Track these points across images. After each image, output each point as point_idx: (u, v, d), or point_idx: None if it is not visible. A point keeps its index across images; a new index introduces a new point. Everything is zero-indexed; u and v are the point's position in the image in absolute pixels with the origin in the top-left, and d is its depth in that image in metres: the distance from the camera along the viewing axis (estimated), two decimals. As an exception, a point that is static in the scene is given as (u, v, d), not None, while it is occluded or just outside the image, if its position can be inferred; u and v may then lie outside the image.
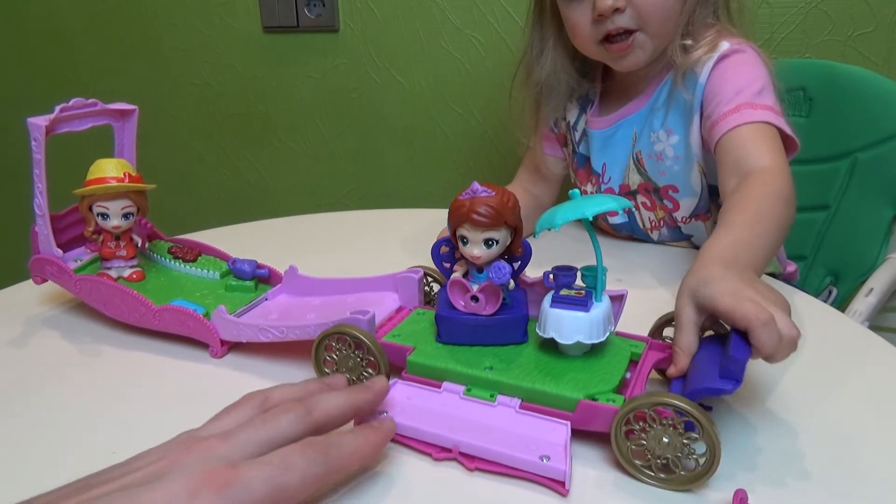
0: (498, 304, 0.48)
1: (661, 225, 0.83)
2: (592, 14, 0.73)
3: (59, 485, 0.33)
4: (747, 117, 0.68)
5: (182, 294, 0.62)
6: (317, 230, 0.91)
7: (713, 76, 0.73)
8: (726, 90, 0.71)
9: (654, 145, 0.79)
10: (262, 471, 0.34)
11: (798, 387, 0.52)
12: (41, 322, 0.64)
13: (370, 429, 0.41)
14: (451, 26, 1.20)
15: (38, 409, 0.51)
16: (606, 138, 0.83)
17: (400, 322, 0.54)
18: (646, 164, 0.80)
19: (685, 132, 0.76)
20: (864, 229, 0.90)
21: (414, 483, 0.42)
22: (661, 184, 0.80)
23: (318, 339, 0.49)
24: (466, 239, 0.47)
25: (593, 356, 0.47)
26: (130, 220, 0.62)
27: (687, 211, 0.81)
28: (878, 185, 0.88)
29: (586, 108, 0.86)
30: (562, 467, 0.40)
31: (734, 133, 0.68)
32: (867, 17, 1.00)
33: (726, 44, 0.73)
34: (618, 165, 0.83)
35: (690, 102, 0.75)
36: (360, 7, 1.23)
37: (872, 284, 0.80)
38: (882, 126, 0.87)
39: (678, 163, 0.78)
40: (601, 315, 0.45)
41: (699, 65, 0.74)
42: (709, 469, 0.39)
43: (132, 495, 0.31)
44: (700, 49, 0.74)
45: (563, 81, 0.85)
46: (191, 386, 0.54)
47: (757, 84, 0.71)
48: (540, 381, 0.44)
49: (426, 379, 0.47)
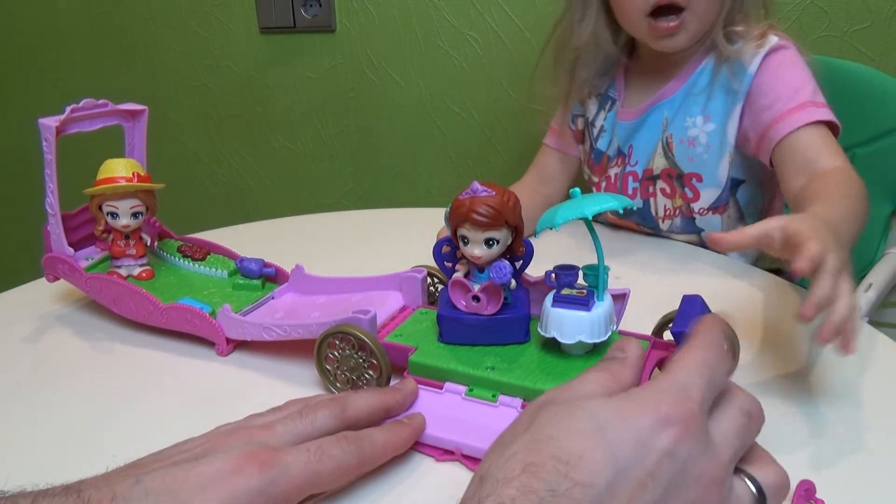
0: (499, 304, 0.48)
1: (676, 214, 0.82)
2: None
3: (66, 481, 0.34)
4: (813, 115, 0.69)
5: (190, 292, 0.62)
6: (317, 230, 0.91)
7: (765, 69, 0.73)
8: (784, 86, 0.72)
9: (688, 130, 0.78)
10: (300, 456, 0.36)
11: (798, 384, 0.52)
12: (54, 319, 0.65)
13: (400, 424, 0.43)
14: (449, 26, 1.20)
15: (48, 404, 0.52)
16: (637, 125, 0.83)
17: (403, 322, 0.54)
18: (675, 150, 0.80)
19: (724, 121, 0.76)
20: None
21: (417, 484, 0.42)
22: (686, 170, 0.80)
23: (320, 339, 0.50)
24: (467, 239, 0.47)
25: (596, 355, 0.47)
26: (140, 219, 0.63)
27: (707, 202, 0.80)
28: (876, 181, 0.88)
29: (605, 105, 0.86)
30: (565, 466, 0.40)
31: (803, 133, 0.69)
32: (863, 12, 1.01)
33: (774, 38, 0.74)
34: (645, 149, 0.83)
35: (736, 91, 0.74)
36: (357, 7, 1.23)
37: (871, 280, 0.80)
38: (879, 121, 0.87)
39: (709, 151, 0.78)
40: (603, 314, 0.45)
41: (747, 55, 0.73)
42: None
43: (179, 470, 0.33)
44: (750, 40, 0.74)
45: (601, 50, 0.83)
46: (197, 383, 0.54)
47: (812, 83, 0.72)
48: (541, 381, 0.44)
49: (428, 379, 0.48)
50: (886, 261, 0.84)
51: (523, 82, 1.08)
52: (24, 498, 0.32)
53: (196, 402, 0.52)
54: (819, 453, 0.45)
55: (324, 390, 0.51)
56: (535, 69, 0.90)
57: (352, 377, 0.49)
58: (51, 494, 0.32)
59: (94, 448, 0.47)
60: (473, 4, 1.17)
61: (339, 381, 0.50)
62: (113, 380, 0.55)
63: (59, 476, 0.35)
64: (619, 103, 0.85)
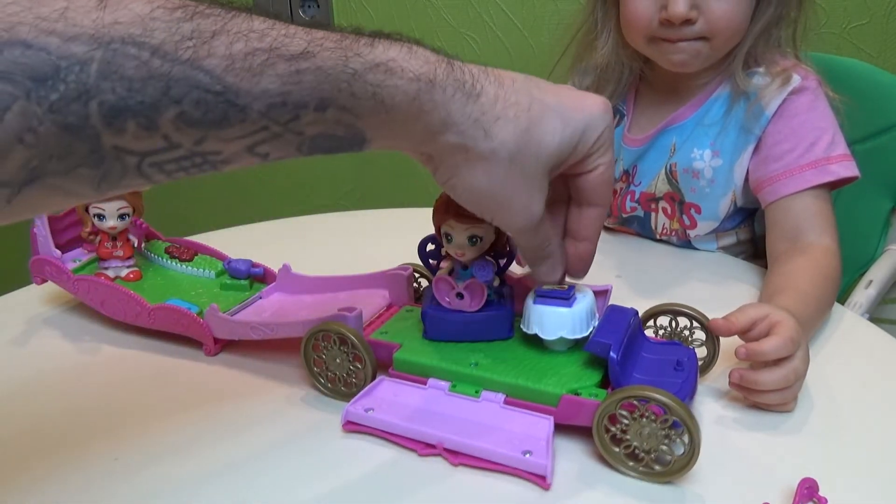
0: (482, 301, 0.48)
1: (673, 234, 0.80)
2: (658, 12, 0.68)
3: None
4: (822, 177, 0.68)
5: (178, 293, 0.62)
6: (317, 231, 0.91)
7: (782, 113, 0.70)
8: (799, 139, 0.69)
9: (694, 162, 0.75)
10: None
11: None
12: (42, 322, 0.65)
13: None
14: (447, 25, 1.20)
15: (34, 407, 0.52)
16: (643, 151, 0.80)
17: (388, 319, 0.54)
18: (679, 178, 0.77)
19: (733, 159, 0.73)
20: (862, 221, 0.89)
21: (399, 478, 0.42)
22: (687, 199, 0.77)
23: (307, 337, 0.50)
24: (451, 236, 0.47)
25: (578, 351, 0.47)
26: (126, 220, 0.63)
27: (702, 231, 0.78)
28: (876, 177, 0.88)
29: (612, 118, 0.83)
30: (543, 462, 0.40)
31: (802, 197, 0.68)
32: (861, 9, 1.00)
33: (798, 77, 0.70)
34: (649, 173, 0.79)
35: (750, 131, 0.72)
36: (355, 7, 1.23)
37: (872, 276, 0.80)
38: (878, 118, 0.87)
39: (712, 186, 0.75)
40: (584, 310, 0.46)
41: (766, 95, 0.70)
42: (688, 462, 0.40)
43: None
44: (771, 80, 0.71)
45: (625, 65, 0.79)
46: (186, 384, 0.54)
47: (830, 130, 0.70)
48: (524, 377, 0.45)
49: (413, 375, 0.48)
50: (886, 257, 0.84)
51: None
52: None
53: (184, 402, 0.52)
54: (821, 451, 0.45)
55: (312, 388, 0.52)
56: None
57: (339, 374, 0.50)
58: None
59: (84, 449, 0.47)
60: (472, 4, 1.17)
61: (327, 379, 0.51)
62: (101, 382, 0.55)
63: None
64: (627, 126, 0.82)
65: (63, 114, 0.26)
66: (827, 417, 0.48)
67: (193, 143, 0.30)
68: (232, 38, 0.29)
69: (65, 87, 0.26)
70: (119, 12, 0.27)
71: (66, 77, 0.26)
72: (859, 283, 0.80)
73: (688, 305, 0.50)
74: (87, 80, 0.26)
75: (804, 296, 0.58)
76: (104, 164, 0.28)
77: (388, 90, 0.34)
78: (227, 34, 0.29)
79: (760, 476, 0.42)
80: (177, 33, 0.28)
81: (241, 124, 0.30)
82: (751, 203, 0.76)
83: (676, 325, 0.51)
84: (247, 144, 0.31)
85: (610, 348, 0.42)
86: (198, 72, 0.28)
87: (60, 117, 0.26)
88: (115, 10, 0.27)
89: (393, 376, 0.49)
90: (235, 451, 0.46)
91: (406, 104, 0.34)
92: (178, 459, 0.45)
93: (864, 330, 0.60)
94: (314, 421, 0.48)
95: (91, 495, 0.42)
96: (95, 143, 0.27)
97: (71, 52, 0.26)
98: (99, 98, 0.26)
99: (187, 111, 0.28)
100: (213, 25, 0.29)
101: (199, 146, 0.30)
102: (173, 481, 0.43)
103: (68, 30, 0.26)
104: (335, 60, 0.32)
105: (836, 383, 0.51)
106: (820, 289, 0.60)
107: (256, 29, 0.30)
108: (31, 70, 0.25)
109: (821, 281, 0.61)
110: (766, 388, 0.47)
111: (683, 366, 0.45)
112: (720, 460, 0.43)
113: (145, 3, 0.28)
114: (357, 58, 0.33)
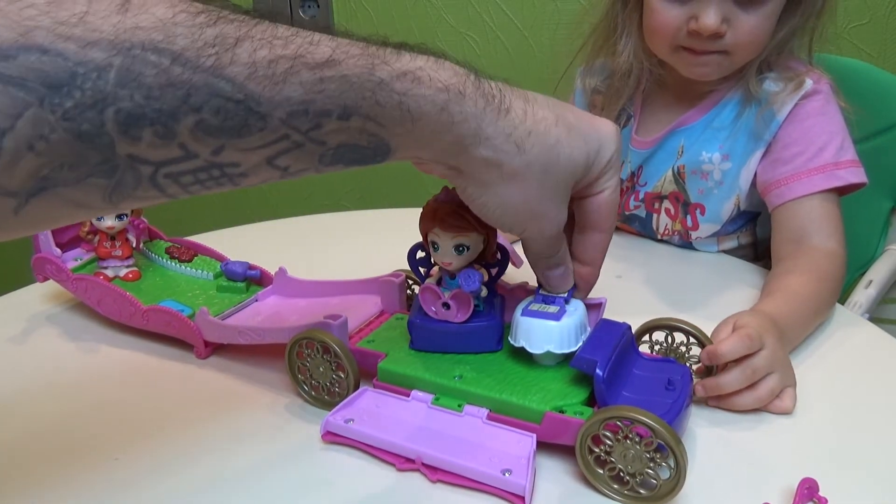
0: (469, 312, 0.47)
1: (674, 235, 0.80)
2: (686, 22, 0.67)
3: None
4: (830, 181, 0.67)
5: (175, 294, 0.62)
6: (317, 231, 0.91)
7: (793, 118, 0.70)
8: (809, 143, 0.69)
9: (703, 164, 0.75)
10: None
11: (799, 382, 0.50)
12: (44, 320, 0.66)
13: None
14: (447, 25, 1.19)
15: (27, 405, 0.52)
16: (650, 153, 0.79)
17: (378, 327, 0.53)
18: (686, 179, 0.77)
19: (741, 163, 0.73)
20: (862, 221, 0.88)
21: (376, 493, 0.41)
22: (692, 199, 0.77)
23: (290, 344, 0.49)
24: (437, 244, 0.46)
25: (567, 366, 0.46)
26: (124, 220, 0.63)
27: (704, 234, 0.78)
28: (876, 177, 0.86)
29: (621, 120, 0.82)
30: (522, 482, 0.39)
31: (809, 201, 0.67)
32: (861, 9, 0.99)
33: (809, 82, 0.70)
34: (655, 174, 0.79)
35: (760, 137, 0.71)
36: (355, 7, 1.22)
37: (872, 276, 0.79)
38: (878, 118, 0.86)
39: (719, 188, 0.75)
40: (573, 324, 0.44)
41: (778, 101, 0.70)
42: (674, 487, 0.38)
43: None
44: (784, 86, 0.70)
45: (644, 69, 0.77)
46: (174, 386, 0.54)
47: (840, 135, 0.70)
48: (508, 392, 0.43)
49: (396, 387, 0.47)
50: (886, 257, 0.84)
51: (522, 82, 1.07)
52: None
53: (172, 405, 0.51)
54: (821, 451, 0.44)
55: (297, 396, 0.51)
56: (558, 84, 0.86)
57: (322, 383, 0.49)
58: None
59: (77, 455, 0.46)
60: (472, 4, 1.16)
61: (311, 387, 0.50)
62: (93, 381, 0.55)
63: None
64: (634, 127, 0.81)
65: (77, 122, 0.25)
66: (827, 417, 0.47)
67: (211, 152, 0.29)
68: (256, 45, 0.28)
69: (80, 95, 0.25)
70: (140, 16, 0.26)
71: (82, 84, 0.25)
72: (859, 283, 0.80)
73: (684, 321, 0.49)
74: (104, 88, 0.25)
75: (793, 296, 0.57)
76: (117, 173, 0.27)
77: (415, 99, 0.33)
78: (251, 40, 0.28)
79: (760, 476, 0.42)
80: (199, 39, 0.27)
81: (261, 133, 0.29)
82: (754, 207, 0.76)
83: (672, 340, 0.49)
84: (266, 155, 0.30)
85: (596, 365, 0.41)
86: (219, 80, 0.27)
87: (74, 125, 0.25)
88: (137, 13, 0.26)
89: (377, 387, 0.47)
90: (214, 466, 0.44)
91: (434, 114, 0.34)
92: (158, 476, 0.43)
93: (864, 330, 0.60)
94: (295, 430, 0.47)
95: (91, 495, 0.42)
96: (109, 152, 0.26)
97: (89, 57, 0.25)
98: (116, 105, 0.26)
99: (206, 119, 0.28)
100: (238, 31, 0.28)
101: (216, 156, 0.29)
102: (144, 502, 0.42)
103: (87, 35, 0.25)
104: (361, 69, 0.31)
105: (835, 383, 0.51)
106: (813, 290, 0.60)
107: (281, 35, 0.29)
108: (46, 76, 0.24)
109: (815, 283, 0.61)
110: (730, 390, 0.46)
111: (675, 385, 0.43)
112: (720, 460, 0.43)
113: (168, 6, 0.27)
114: (384, 66, 0.32)
